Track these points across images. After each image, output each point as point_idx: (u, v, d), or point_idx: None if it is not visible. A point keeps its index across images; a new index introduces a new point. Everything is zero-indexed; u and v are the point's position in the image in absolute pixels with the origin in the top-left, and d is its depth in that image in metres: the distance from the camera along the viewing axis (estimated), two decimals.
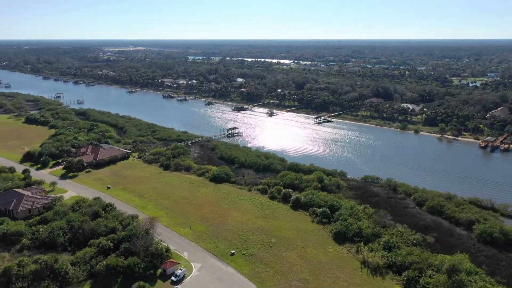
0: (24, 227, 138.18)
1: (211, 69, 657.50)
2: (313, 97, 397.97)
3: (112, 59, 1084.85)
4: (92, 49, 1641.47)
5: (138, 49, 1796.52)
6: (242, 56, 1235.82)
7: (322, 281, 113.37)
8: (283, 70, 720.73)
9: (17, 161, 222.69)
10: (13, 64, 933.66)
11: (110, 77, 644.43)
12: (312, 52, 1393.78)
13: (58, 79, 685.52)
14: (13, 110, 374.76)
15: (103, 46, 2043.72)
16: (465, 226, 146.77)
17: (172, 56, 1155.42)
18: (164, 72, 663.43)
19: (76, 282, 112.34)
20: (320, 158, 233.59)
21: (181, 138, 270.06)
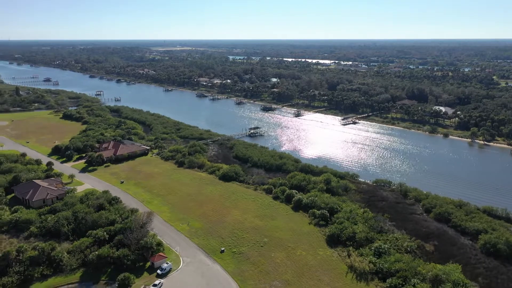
0: (34, 216, 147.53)
1: (247, 69, 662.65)
2: (343, 98, 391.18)
3: (156, 59, 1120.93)
4: (141, 49, 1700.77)
5: (184, 49, 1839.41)
6: (282, 56, 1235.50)
7: (303, 283, 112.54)
8: (320, 70, 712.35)
9: (46, 154, 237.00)
10: (65, 63, 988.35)
11: (150, 76, 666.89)
12: (355, 52, 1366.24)
13: (102, 78, 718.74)
14: (54, 106, 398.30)
15: (152, 46, 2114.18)
16: (471, 236, 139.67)
17: (214, 56, 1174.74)
18: (201, 72, 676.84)
19: (69, 270, 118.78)
20: (335, 160, 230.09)
21: (203, 137, 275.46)
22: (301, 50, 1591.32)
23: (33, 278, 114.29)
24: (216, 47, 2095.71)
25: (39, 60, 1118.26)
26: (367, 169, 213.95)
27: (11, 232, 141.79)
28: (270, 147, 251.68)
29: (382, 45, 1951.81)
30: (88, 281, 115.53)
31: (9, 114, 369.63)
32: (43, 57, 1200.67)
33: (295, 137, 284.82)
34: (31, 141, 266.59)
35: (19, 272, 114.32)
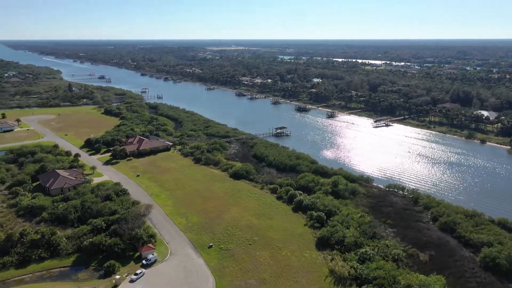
0: (48, 203, 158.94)
1: (290, 69, 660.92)
2: (380, 100, 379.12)
3: (208, 58, 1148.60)
4: (196, 48, 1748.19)
5: (237, 49, 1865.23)
6: (333, 56, 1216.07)
7: (279, 284, 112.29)
8: (366, 71, 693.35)
9: (79, 147, 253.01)
10: (122, 62, 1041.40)
11: (196, 74, 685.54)
12: (411, 53, 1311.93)
13: (152, 76, 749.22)
14: (100, 102, 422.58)
15: (207, 46, 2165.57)
16: (474, 248, 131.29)
17: (263, 55, 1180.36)
18: (245, 71, 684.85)
19: (65, 254, 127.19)
20: (351, 162, 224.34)
21: (228, 135, 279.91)
22: (354, 50, 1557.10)
23: (31, 259, 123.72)
24: (269, 46, 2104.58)
25: (100, 58, 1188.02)
26: (379, 172, 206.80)
27: (26, 216, 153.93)
28: (292, 147, 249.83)
29: (444, 45, 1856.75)
30: (80, 265, 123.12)
31: (58, 108, 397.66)
32: (104, 56, 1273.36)
33: (320, 138, 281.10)
34: (70, 134, 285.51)
35: (19, 253, 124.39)
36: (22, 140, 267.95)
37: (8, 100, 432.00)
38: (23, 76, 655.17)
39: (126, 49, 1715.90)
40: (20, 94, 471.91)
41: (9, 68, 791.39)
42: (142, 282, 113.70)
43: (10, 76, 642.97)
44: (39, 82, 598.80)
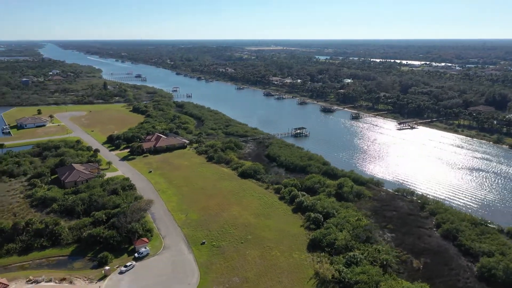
0: (59, 195, 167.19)
1: (322, 69, 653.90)
2: (408, 102, 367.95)
3: (244, 58, 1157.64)
4: (234, 48, 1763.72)
5: (275, 49, 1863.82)
6: (372, 56, 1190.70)
7: (261, 283, 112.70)
8: (400, 71, 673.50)
9: (101, 142, 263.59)
10: (160, 61, 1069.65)
11: (228, 74, 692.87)
12: (454, 53, 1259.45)
13: (186, 75, 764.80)
14: (131, 100, 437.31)
15: (246, 46, 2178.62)
16: (474, 257, 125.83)
17: (298, 55, 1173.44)
18: (277, 71, 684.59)
19: (65, 244, 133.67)
20: (365, 164, 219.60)
21: (247, 134, 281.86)
22: (395, 50, 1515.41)
23: (33, 247, 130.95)
24: (308, 46, 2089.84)
25: (140, 58, 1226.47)
26: (392, 176, 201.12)
27: (39, 206, 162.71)
28: (308, 148, 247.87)
29: (492, 45, 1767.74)
30: (77, 255, 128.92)
31: (91, 105, 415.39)
32: (144, 55, 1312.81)
33: (338, 140, 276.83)
34: (96, 130, 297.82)
35: (23, 241, 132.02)
36: (51, 135, 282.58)
37: (47, 97, 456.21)
38: (65, 74, 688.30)
39: (167, 49, 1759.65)
40: (59, 92, 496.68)
41: (54, 67, 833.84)
42: (130, 274, 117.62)
43: (53, 74, 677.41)
44: (79, 80, 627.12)
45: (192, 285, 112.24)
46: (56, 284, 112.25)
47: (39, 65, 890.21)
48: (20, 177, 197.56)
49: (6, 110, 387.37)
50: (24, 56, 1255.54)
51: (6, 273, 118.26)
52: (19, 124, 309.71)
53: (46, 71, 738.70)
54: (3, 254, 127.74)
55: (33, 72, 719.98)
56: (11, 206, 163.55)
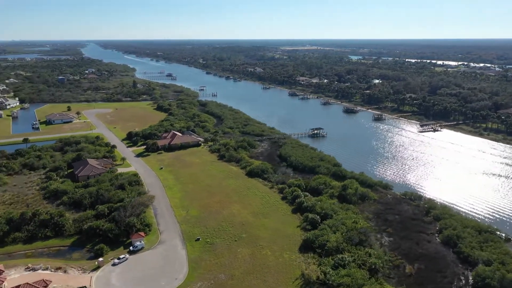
0: (71, 188, 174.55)
1: (350, 69, 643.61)
2: (433, 104, 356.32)
3: (275, 57, 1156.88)
4: (267, 48, 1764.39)
5: (309, 48, 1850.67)
6: (408, 56, 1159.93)
7: (246, 281, 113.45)
8: (433, 72, 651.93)
9: (121, 139, 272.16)
10: (192, 61, 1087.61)
11: (256, 73, 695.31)
12: (497, 53, 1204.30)
13: (216, 74, 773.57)
14: (157, 98, 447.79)
15: (281, 45, 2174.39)
16: (473, 265, 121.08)
17: (329, 55, 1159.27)
18: (305, 71, 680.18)
19: (67, 235, 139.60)
20: (376, 167, 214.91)
21: (263, 133, 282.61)
22: (433, 50, 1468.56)
23: (37, 237, 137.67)
24: (343, 46, 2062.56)
25: (174, 57, 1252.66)
26: (401, 179, 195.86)
27: (51, 198, 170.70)
28: (323, 148, 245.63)
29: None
30: (77, 246, 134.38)
31: (119, 103, 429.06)
32: (178, 55, 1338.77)
33: (355, 141, 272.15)
34: (118, 127, 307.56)
35: (29, 230, 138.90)
36: (76, 130, 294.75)
37: (79, 94, 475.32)
38: (99, 73, 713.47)
39: (203, 49, 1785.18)
40: (91, 89, 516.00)
41: (91, 66, 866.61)
42: (122, 267, 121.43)
43: (89, 73, 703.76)
44: (112, 79, 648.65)
45: (179, 280, 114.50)
46: (51, 272, 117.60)
47: (78, 64, 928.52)
48: (40, 170, 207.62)
49: (40, 106, 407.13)
50: (66, 55, 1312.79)
51: (9, 260, 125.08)
52: (48, 120, 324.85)
53: (83, 69, 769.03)
54: (9, 242, 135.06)
55: (70, 70, 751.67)
56: (26, 197, 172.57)
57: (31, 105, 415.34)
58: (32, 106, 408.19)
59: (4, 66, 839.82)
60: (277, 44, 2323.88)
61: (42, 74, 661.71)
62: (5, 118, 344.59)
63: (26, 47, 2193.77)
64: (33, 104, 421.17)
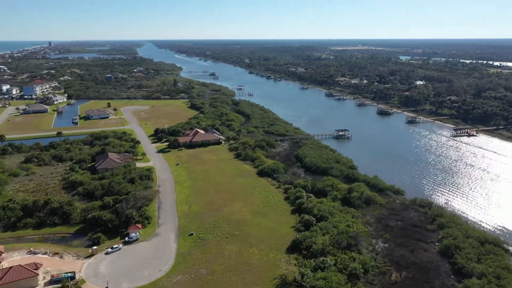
0: (87, 180, 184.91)
1: (394, 70, 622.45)
2: (473, 107, 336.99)
3: (322, 57, 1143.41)
4: (316, 48, 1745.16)
5: (359, 48, 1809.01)
6: (464, 57, 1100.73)
7: (225, 277, 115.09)
8: (483, 74, 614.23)
9: (148, 135, 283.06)
10: (238, 60, 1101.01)
11: (297, 73, 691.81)
12: None
13: (258, 74, 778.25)
14: (194, 96, 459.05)
15: (331, 45, 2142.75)
16: (466, 278, 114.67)
17: (377, 55, 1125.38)
18: (346, 71, 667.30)
19: (73, 223, 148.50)
20: (393, 171, 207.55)
21: (286, 133, 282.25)
22: (493, 50, 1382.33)
23: (46, 223, 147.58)
24: (397, 46, 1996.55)
25: (221, 57, 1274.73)
26: (416, 184, 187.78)
27: (69, 189, 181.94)
28: (344, 150, 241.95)
29: None
30: (80, 234, 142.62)
31: (157, 100, 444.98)
32: (226, 54, 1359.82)
33: (380, 143, 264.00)
34: (149, 124, 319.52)
35: (40, 217, 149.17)
36: (109, 126, 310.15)
37: (122, 92, 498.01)
38: (146, 71, 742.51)
39: (251, 48, 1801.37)
40: (134, 87, 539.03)
41: (141, 65, 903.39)
42: (113, 256, 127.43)
43: (137, 72, 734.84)
44: (157, 77, 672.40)
45: (162, 272, 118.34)
46: (48, 257, 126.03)
47: (129, 63, 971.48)
48: (67, 162, 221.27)
49: (85, 102, 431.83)
50: (122, 55, 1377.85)
51: (16, 244, 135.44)
52: (86, 115, 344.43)
53: (132, 68, 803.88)
54: (21, 226, 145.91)
55: (121, 69, 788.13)
56: (47, 187, 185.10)
57: (77, 101, 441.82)
58: (77, 102, 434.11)
59: (62, 65, 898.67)
60: (330, 44, 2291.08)
61: (94, 72, 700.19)
62: (51, 113, 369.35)
63: (88, 47, 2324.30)
64: (79, 100, 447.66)
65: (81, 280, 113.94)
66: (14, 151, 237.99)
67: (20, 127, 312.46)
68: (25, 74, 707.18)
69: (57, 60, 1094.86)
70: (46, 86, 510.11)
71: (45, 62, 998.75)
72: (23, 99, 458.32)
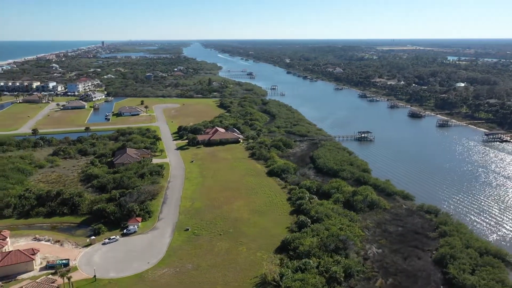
0: (102, 173, 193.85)
1: (435, 71, 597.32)
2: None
3: (365, 58, 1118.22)
4: (361, 48, 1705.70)
5: (406, 49, 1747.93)
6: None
7: (208, 273, 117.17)
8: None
9: (172, 132, 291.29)
10: (278, 60, 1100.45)
11: (334, 74, 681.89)
12: None
13: (295, 74, 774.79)
14: (226, 96, 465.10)
15: (378, 45, 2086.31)
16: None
17: (421, 56, 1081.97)
18: (384, 72, 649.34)
19: (80, 214, 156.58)
20: (410, 176, 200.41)
21: (307, 134, 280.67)
22: None
23: (56, 213, 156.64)
24: (448, 46, 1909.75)
25: (262, 56, 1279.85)
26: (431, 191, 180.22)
27: (85, 181, 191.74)
28: (363, 153, 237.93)
29: None
30: (85, 224, 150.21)
31: (190, 99, 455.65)
32: (268, 54, 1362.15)
33: (403, 147, 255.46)
34: (175, 121, 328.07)
35: (51, 207, 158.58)
36: (138, 122, 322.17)
37: (158, 90, 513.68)
38: (185, 70, 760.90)
39: (293, 48, 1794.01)
40: (171, 86, 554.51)
41: (183, 64, 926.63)
42: (109, 246, 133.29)
43: (177, 71, 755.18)
44: (195, 76, 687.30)
45: (150, 264, 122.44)
46: (50, 244, 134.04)
47: (171, 62, 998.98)
48: (90, 156, 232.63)
49: (121, 99, 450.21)
50: (168, 54, 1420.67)
51: (25, 230, 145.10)
52: (119, 112, 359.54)
53: (173, 67, 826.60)
54: (33, 215, 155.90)
55: (162, 68, 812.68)
56: (66, 179, 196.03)
57: (114, 98, 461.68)
58: (115, 99, 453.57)
59: (110, 63, 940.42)
60: (378, 44, 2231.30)
61: (136, 71, 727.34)
62: (87, 109, 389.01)
63: (138, 46, 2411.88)
64: (116, 97, 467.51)
65: (74, 267, 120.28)
66: (45, 144, 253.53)
67: (57, 122, 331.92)
68: (73, 72, 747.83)
69: (106, 59, 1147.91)
70: (88, 84, 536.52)
71: (95, 61, 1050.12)
72: (66, 95, 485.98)
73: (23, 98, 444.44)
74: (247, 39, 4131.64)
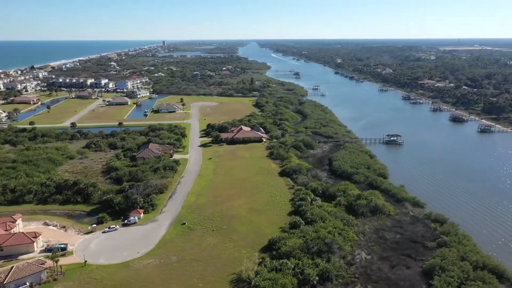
0: (122, 166, 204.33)
1: (491, 73, 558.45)
2: None
3: (422, 58, 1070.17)
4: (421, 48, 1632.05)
5: (473, 49, 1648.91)
6: None
7: (190, 266, 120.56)
8: None
9: (201, 129, 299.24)
10: (328, 60, 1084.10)
11: (381, 75, 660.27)
12: None
13: (343, 74, 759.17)
14: (266, 95, 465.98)
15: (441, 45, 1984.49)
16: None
17: (482, 57, 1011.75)
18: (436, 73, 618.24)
19: (91, 203, 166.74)
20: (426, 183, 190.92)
21: (333, 136, 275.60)
22: None
23: (70, 201, 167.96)
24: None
25: (313, 56, 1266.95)
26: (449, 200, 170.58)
27: (105, 173, 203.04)
28: (386, 157, 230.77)
29: None
30: (93, 213, 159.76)
31: (229, 98, 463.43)
32: (320, 54, 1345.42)
33: (433, 153, 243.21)
34: (208, 119, 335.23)
35: (66, 195, 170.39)
36: (172, 119, 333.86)
37: (201, 88, 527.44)
38: (233, 70, 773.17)
39: (348, 48, 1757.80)
40: (215, 85, 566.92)
41: (233, 63, 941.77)
42: (108, 235, 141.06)
43: (224, 70, 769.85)
44: (242, 75, 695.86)
45: (139, 254, 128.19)
46: (56, 229, 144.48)
47: (223, 61, 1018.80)
48: (118, 150, 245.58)
49: (165, 97, 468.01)
50: (222, 53, 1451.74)
51: (39, 215, 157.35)
52: (157, 109, 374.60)
53: (223, 66, 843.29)
54: (50, 201, 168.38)
55: (212, 67, 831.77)
56: (90, 170, 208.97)
57: (158, 95, 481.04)
58: (158, 96, 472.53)
59: (162, 62, 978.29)
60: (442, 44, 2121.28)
61: (185, 69, 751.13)
62: (130, 105, 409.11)
63: (196, 46, 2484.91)
64: (160, 94, 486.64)
65: (70, 252, 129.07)
66: (81, 137, 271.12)
67: (100, 117, 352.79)
68: (129, 70, 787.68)
69: (163, 57, 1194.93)
70: (137, 81, 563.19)
71: (152, 60, 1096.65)
72: (116, 92, 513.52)
73: (75, 94, 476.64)
74: (304, 39, 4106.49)
